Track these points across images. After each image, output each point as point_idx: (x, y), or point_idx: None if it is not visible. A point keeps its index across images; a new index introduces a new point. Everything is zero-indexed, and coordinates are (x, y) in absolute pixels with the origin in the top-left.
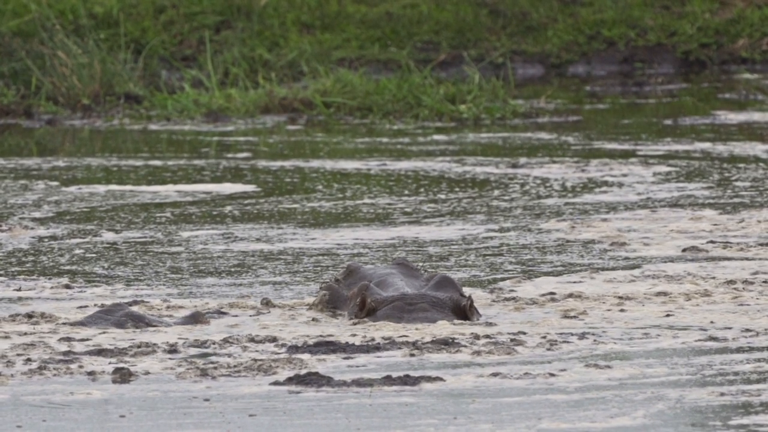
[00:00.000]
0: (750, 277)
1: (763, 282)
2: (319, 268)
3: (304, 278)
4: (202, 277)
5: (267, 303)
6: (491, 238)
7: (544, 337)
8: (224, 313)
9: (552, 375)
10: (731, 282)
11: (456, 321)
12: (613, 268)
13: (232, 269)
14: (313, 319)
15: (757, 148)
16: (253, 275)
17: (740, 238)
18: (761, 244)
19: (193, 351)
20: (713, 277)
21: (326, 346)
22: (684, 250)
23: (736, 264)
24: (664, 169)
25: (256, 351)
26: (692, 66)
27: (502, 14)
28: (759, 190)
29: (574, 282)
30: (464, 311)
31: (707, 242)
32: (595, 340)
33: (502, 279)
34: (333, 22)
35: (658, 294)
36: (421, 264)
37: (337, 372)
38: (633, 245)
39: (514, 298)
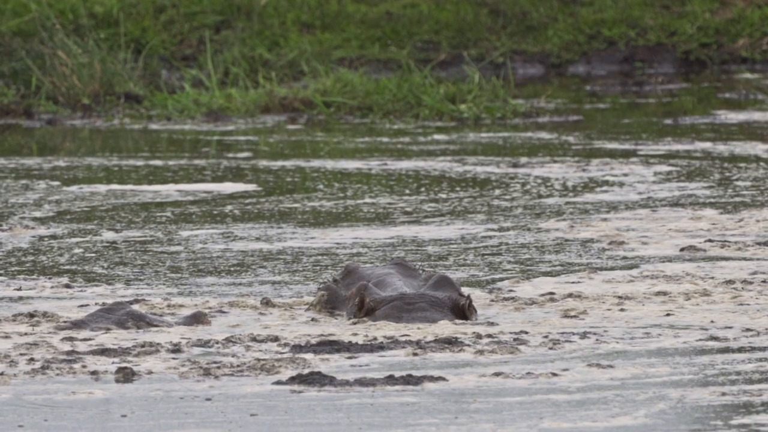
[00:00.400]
0: (749, 276)
1: (762, 282)
2: (318, 268)
3: (304, 278)
4: (202, 277)
5: (267, 303)
6: (490, 237)
7: (546, 337)
8: (225, 313)
9: (554, 375)
10: (730, 282)
11: (457, 321)
12: (612, 268)
13: (232, 268)
14: (313, 319)
15: (757, 148)
16: (253, 274)
17: (738, 237)
18: (759, 244)
19: (197, 351)
20: (712, 277)
21: (330, 346)
22: (682, 250)
23: (734, 264)
24: (664, 168)
25: (260, 350)
26: (692, 66)
27: (502, 14)
28: (760, 189)
29: (573, 282)
30: (463, 311)
31: (705, 241)
32: (597, 340)
33: (501, 279)
34: (333, 22)
35: (658, 294)
36: (419, 264)
37: (340, 371)
38: (631, 244)
39: (513, 298)
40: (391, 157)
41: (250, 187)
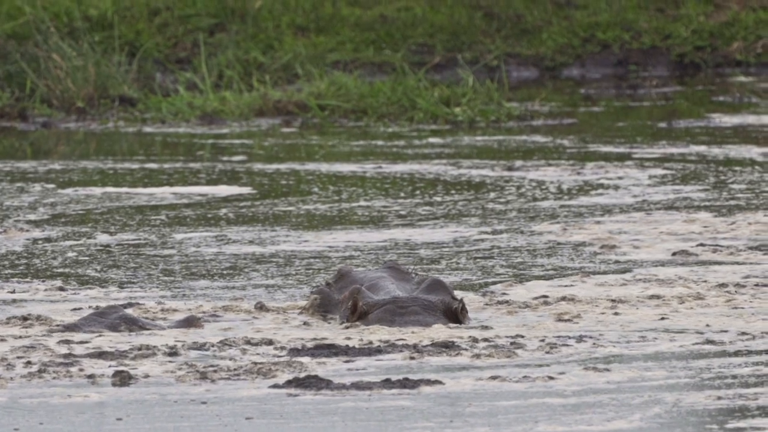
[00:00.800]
0: (742, 280)
1: (755, 285)
2: (310, 271)
3: (297, 281)
4: (195, 280)
5: (261, 307)
6: (483, 240)
7: (543, 341)
8: (218, 317)
9: (551, 378)
10: (723, 285)
11: (451, 324)
12: (604, 272)
13: (225, 272)
14: (305, 323)
15: (752, 151)
16: (246, 278)
17: (730, 241)
18: (751, 248)
19: (194, 354)
20: (705, 281)
21: (327, 349)
22: (674, 254)
23: (727, 268)
24: (659, 171)
25: (257, 354)
26: (687, 69)
27: (496, 17)
28: (755, 192)
29: (566, 285)
30: (456, 314)
31: (697, 245)
32: (593, 344)
33: (494, 282)
34: (327, 25)
35: (651, 297)
36: (412, 267)
37: (336, 375)
38: (623, 248)
39: (506, 302)
40: (385, 161)
41: (245, 190)
